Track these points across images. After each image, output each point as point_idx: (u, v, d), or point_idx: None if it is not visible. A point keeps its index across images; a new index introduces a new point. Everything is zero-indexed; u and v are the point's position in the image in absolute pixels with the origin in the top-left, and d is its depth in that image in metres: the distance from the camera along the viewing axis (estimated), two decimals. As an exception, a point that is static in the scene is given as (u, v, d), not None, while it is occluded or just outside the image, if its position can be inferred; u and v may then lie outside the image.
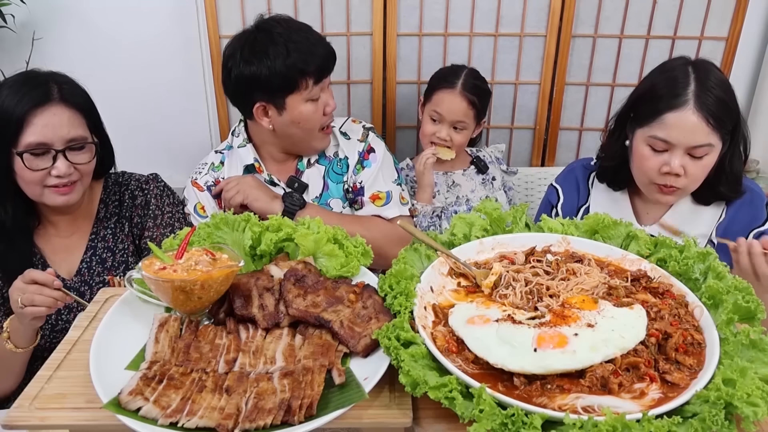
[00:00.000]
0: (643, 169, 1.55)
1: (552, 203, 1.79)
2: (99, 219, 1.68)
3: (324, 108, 1.79)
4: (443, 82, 2.05)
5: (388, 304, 1.01)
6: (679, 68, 1.51)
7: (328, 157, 1.94)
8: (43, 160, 1.48)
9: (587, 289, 1.04)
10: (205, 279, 0.97)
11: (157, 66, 2.42)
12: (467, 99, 2.01)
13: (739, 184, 1.59)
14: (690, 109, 1.44)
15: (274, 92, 1.72)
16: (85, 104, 1.56)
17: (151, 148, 2.57)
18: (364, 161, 1.93)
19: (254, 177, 1.86)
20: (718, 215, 1.62)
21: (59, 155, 1.48)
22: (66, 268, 1.64)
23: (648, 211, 1.67)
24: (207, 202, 1.90)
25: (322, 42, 1.77)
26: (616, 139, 1.66)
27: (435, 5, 2.25)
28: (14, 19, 2.25)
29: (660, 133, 1.48)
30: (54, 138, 1.47)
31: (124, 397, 0.84)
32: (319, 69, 1.73)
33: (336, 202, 1.93)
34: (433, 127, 2.06)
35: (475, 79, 2.05)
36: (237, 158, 1.91)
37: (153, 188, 1.73)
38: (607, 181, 1.72)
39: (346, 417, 0.85)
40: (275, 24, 1.74)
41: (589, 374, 0.85)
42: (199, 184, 1.91)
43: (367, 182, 1.91)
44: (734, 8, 2.23)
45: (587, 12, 2.27)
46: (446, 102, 2.02)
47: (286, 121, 1.77)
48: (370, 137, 1.96)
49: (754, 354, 0.89)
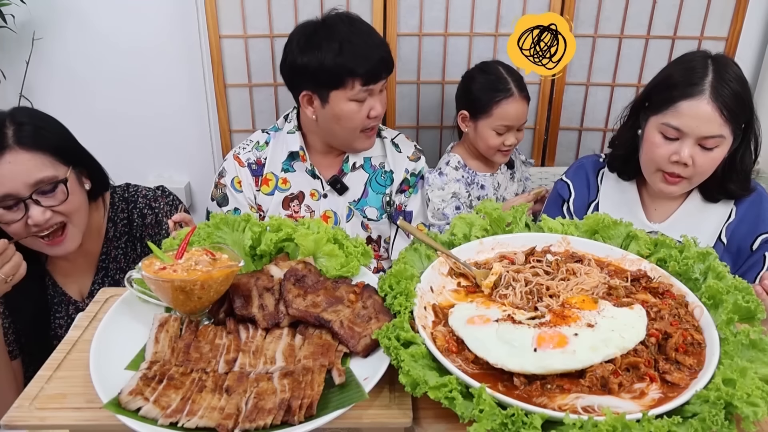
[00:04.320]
0: (652, 157, 1.55)
1: (564, 198, 1.78)
2: (108, 239, 1.61)
3: (369, 111, 1.80)
4: (498, 93, 1.94)
5: (388, 304, 1.01)
6: (698, 60, 1.51)
7: (373, 166, 1.98)
8: (15, 212, 1.38)
9: (587, 289, 1.04)
10: (205, 279, 0.97)
11: (157, 66, 2.42)
12: (526, 99, 1.98)
13: (748, 181, 1.59)
14: (705, 99, 1.44)
15: (320, 85, 1.76)
16: (50, 141, 1.42)
17: (151, 148, 2.57)
18: (416, 187, 2.02)
19: None
20: (726, 214, 1.61)
21: (30, 203, 1.37)
22: (77, 290, 1.60)
23: (656, 207, 1.67)
24: (245, 178, 1.93)
25: (382, 48, 1.78)
26: (629, 127, 1.66)
27: (435, 5, 2.25)
28: (14, 19, 2.25)
29: (673, 120, 1.48)
30: (17, 186, 1.35)
31: (124, 397, 0.84)
32: (368, 73, 1.74)
33: (372, 211, 1.98)
34: (498, 139, 1.98)
35: (517, 76, 1.99)
36: (283, 142, 1.94)
37: (162, 205, 1.66)
38: (617, 170, 1.72)
39: (346, 417, 0.85)
40: (339, 21, 1.77)
41: (589, 374, 0.85)
42: (241, 159, 1.94)
43: (416, 209, 2.02)
44: (734, 8, 2.23)
45: (587, 12, 2.27)
46: (513, 112, 1.95)
47: (328, 115, 1.80)
48: (422, 162, 2.03)
49: (754, 354, 0.89)
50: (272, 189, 1.94)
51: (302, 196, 1.95)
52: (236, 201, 1.93)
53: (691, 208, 1.64)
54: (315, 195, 1.95)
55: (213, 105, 2.41)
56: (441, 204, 2.01)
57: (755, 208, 1.60)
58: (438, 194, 2.01)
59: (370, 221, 1.99)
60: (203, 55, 2.34)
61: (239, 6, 2.23)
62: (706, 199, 1.63)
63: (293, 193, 1.95)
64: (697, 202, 1.64)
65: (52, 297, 1.58)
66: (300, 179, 1.95)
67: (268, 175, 1.94)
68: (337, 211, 1.97)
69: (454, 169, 2.05)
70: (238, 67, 2.32)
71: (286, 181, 1.94)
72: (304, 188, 1.95)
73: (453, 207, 2.01)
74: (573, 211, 1.76)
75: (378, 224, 2.00)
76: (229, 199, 1.94)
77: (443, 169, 2.06)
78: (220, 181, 1.95)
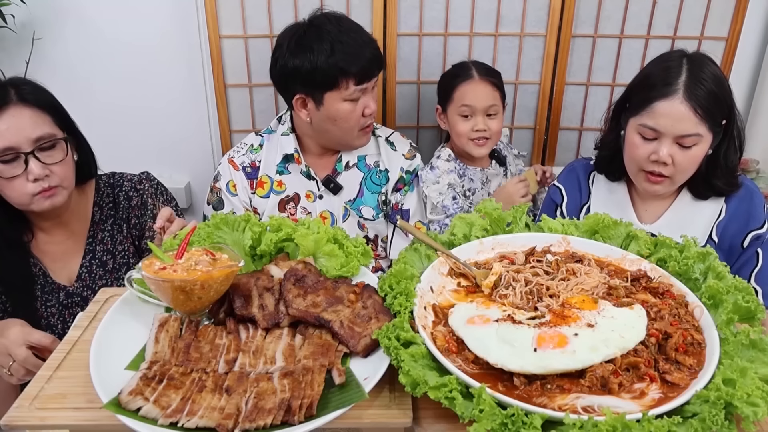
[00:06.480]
0: (633, 157, 1.57)
1: (556, 203, 1.80)
2: (95, 222, 1.65)
3: (363, 110, 1.80)
4: (458, 78, 2.00)
5: (388, 304, 1.01)
6: (675, 59, 1.53)
7: (368, 165, 1.98)
8: (15, 166, 1.42)
9: (587, 289, 1.04)
10: (205, 279, 0.97)
11: (157, 66, 2.41)
12: (489, 82, 1.98)
13: (735, 177, 1.60)
14: (679, 98, 1.46)
15: (314, 87, 1.75)
16: (49, 102, 1.50)
17: (151, 148, 2.56)
18: (412, 185, 2.01)
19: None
20: (717, 212, 1.62)
21: (30, 157, 1.42)
22: (66, 275, 1.62)
23: (647, 208, 1.68)
24: (239, 182, 1.93)
25: (371, 46, 1.77)
26: (611, 129, 1.69)
27: (435, 5, 2.25)
28: (14, 19, 2.24)
29: (649, 121, 1.50)
30: (19, 140, 1.41)
31: (124, 397, 0.84)
32: (361, 71, 1.73)
33: (368, 210, 1.97)
34: (466, 124, 1.99)
35: (482, 65, 2.03)
36: (278, 145, 1.94)
37: (147, 187, 1.71)
38: (603, 171, 1.74)
39: (346, 417, 0.85)
40: (327, 21, 1.75)
41: (589, 374, 0.85)
42: (236, 162, 1.94)
43: (413, 207, 2.01)
44: (734, 8, 2.23)
45: (587, 12, 2.26)
46: (470, 92, 1.97)
47: (323, 117, 1.79)
48: (418, 160, 2.02)
49: (754, 354, 0.89)
50: (267, 192, 1.94)
51: (298, 198, 1.95)
52: (232, 204, 1.93)
53: (681, 208, 1.65)
54: (310, 196, 1.95)
55: (213, 105, 2.41)
56: (439, 197, 2.01)
57: (745, 204, 1.61)
58: (434, 188, 2.02)
59: (366, 221, 1.98)
60: (203, 55, 2.34)
61: (239, 6, 2.23)
62: (695, 197, 1.64)
63: (288, 195, 1.95)
64: (687, 201, 1.65)
65: (42, 286, 1.59)
66: (295, 181, 1.94)
67: (263, 178, 1.94)
68: (333, 212, 1.97)
69: (446, 161, 2.07)
70: (238, 67, 2.32)
71: (281, 183, 1.94)
72: (300, 190, 1.95)
73: (451, 197, 2.02)
74: (566, 215, 1.76)
75: (374, 224, 2.00)
76: (225, 203, 1.94)
77: (434, 163, 2.07)
78: (215, 185, 1.95)
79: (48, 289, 1.59)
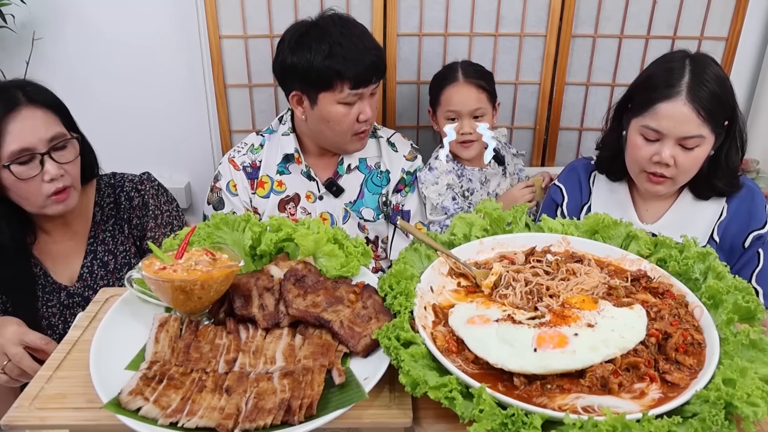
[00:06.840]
0: (635, 158, 1.57)
1: (557, 202, 1.80)
2: (96, 222, 1.65)
3: (358, 115, 1.79)
4: (444, 81, 2.02)
5: (388, 304, 1.01)
6: (677, 60, 1.53)
7: (369, 166, 1.98)
8: (31, 167, 1.43)
9: (587, 289, 1.04)
10: (205, 279, 0.97)
11: (157, 66, 2.42)
12: (474, 84, 1.98)
13: (736, 178, 1.60)
14: (681, 100, 1.46)
15: (309, 85, 1.75)
16: (55, 102, 1.51)
17: (151, 148, 2.57)
18: (413, 186, 2.01)
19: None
20: (718, 212, 1.62)
21: (46, 158, 1.43)
22: (68, 275, 1.62)
23: (648, 208, 1.68)
24: (240, 181, 1.93)
25: (373, 53, 1.76)
26: (613, 129, 1.68)
27: (435, 5, 2.25)
28: (14, 19, 2.24)
29: (652, 123, 1.50)
30: (35, 141, 1.42)
31: (124, 397, 0.84)
32: (357, 77, 1.72)
33: (368, 211, 1.97)
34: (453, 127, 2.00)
35: (471, 66, 2.04)
36: (278, 144, 1.94)
37: (149, 188, 1.71)
38: (605, 171, 1.74)
39: (346, 417, 0.85)
40: (332, 22, 1.75)
41: (589, 374, 0.85)
42: (236, 162, 1.94)
43: (414, 208, 2.01)
44: (734, 8, 2.23)
45: (587, 12, 2.27)
46: (455, 96, 1.98)
47: (316, 116, 1.80)
48: (419, 161, 2.02)
49: (754, 354, 0.89)
50: (268, 192, 1.94)
51: (298, 198, 1.95)
52: (232, 204, 1.93)
53: (682, 208, 1.65)
54: (311, 197, 1.95)
55: (213, 105, 2.41)
56: (438, 198, 2.01)
57: (746, 204, 1.61)
58: (433, 189, 2.02)
59: (366, 222, 1.98)
60: (203, 55, 2.34)
61: (239, 6, 2.23)
62: (696, 197, 1.64)
63: (289, 195, 1.95)
64: (688, 201, 1.65)
65: (43, 286, 1.59)
66: (295, 181, 1.94)
67: (264, 178, 1.94)
68: (333, 213, 1.97)
69: (444, 161, 2.07)
70: (238, 67, 2.32)
71: (282, 183, 1.94)
72: (300, 190, 1.95)
73: (450, 198, 2.02)
74: (567, 215, 1.76)
75: (375, 225, 2.00)
76: (225, 203, 1.94)
77: (433, 163, 2.07)
78: (216, 185, 1.95)
79: (49, 289, 1.59)
